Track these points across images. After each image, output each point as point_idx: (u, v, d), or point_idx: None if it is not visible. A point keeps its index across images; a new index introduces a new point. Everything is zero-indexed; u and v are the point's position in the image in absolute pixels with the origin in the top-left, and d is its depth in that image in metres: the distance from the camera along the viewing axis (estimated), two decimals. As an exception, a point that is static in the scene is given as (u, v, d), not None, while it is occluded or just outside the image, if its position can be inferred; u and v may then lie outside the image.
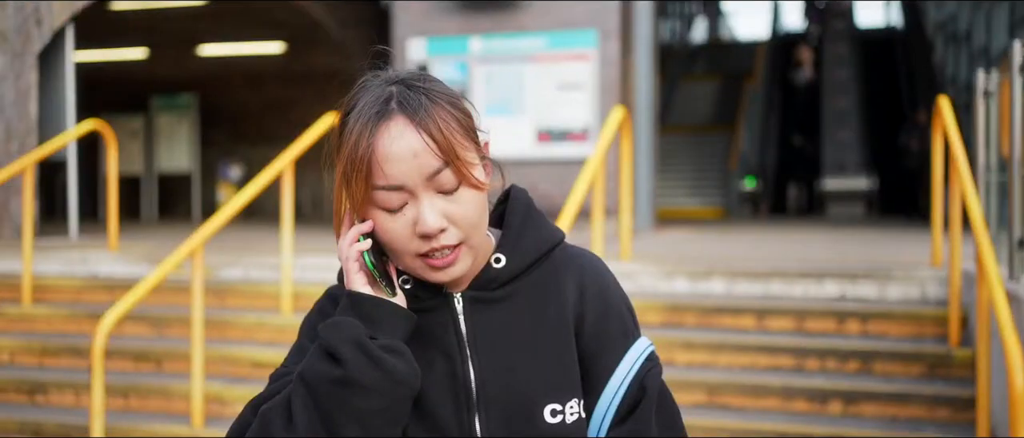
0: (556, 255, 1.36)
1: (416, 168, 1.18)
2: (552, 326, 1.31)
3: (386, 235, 1.21)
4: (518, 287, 1.31)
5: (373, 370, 1.16)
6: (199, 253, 5.04)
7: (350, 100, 1.24)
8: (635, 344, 1.34)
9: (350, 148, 1.19)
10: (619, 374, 1.31)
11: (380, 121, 1.18)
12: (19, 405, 5.52)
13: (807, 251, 7.32)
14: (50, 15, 9.05)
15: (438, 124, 1.19)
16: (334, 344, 1.17)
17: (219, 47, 13.46)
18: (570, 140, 9.42)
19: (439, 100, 1.22)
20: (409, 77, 1.24)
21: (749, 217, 15.03)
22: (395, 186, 1.18)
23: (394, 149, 1.17)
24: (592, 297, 1.34)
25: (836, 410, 4.74)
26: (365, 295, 1.21)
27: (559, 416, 1.28)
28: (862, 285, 5.50)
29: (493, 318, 1.29)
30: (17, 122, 8.83)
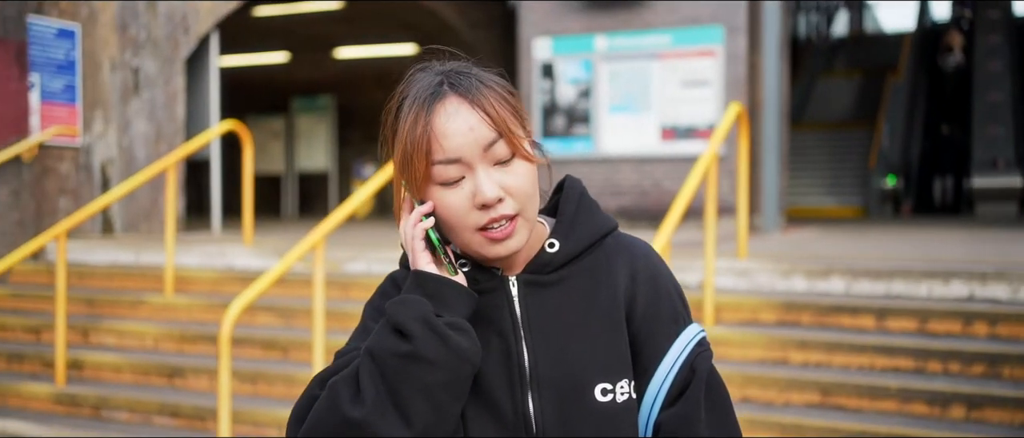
0: (608, 242, 1.41)
1: (472, 140, 1.25)
2: (604, 309, 1.36)
3: (446, 211, 1.28)
4: (572, 271, 1.37)
5: (439, 345, 1.22)
6: (320, 247, 5.25)
7: (400, 92, 1.32)
8: (686, 329, 1.38)
9: (408, 130, 1.26)
10: (670, 358, 1.36)
11: (435, 101, 1.26)
12: (159, 387, 5.89)
13: (939, 250, 7.03)
14: (197, 22, 9.57)
15: (490, 100, 1.28)
16: (402, 320, 1.23)
17: (354, 50, 13.91)
18: (695, 137, 9.33)
19: (489, 83, 1.31)
20: (457, 66, 1.33)
21: (889, 217, 14.48)
22: (453, 159, 1.25)
23: (450, 125, 1.25)
24: (644, 282, 1.39)
25: (958, 415, 4.56)
26: (430, 274, 1.27)
27: (610, 395, 1.33)
28: (993, 286, 5.26)
29: (547, 301, 1.35)
30: (166, 124, 9.39)
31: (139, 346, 6.34)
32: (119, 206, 8.87)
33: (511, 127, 1.28)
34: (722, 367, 4.97)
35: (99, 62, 8.78)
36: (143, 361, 6.04)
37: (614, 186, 9.74)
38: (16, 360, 6.33)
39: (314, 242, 5.20)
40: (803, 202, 14.67)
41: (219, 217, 9.80)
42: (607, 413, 1.33)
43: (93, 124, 8.72)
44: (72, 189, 8.50)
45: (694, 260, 5.90)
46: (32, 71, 8.11)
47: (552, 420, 1.31)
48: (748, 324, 5.37)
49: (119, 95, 8.96)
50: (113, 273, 7.31)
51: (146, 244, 7.92)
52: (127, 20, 9.01)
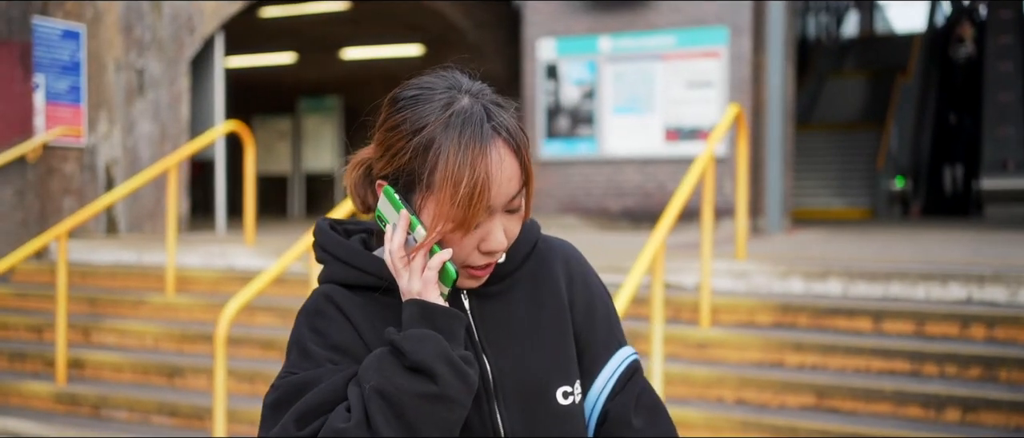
0: (539, 245, 1.43)
1: (506, 192, 1.25)
2: (552, 313, 1.38)
3: (454, 250, 1.26)
4: (515, 279, 1.38)
5: (461, 384, 1.21)
6: (318, 247, 5.26)
7: (430, 114, 1.24)
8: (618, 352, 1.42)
9: (469, 175, 1.20)
10: (614, 362, 1.41)
11: (490, 146, 1.23)
12: (159, 387, 5.91)
13: (939, 252, 7.00)
14: (202, 23, 9.61)
15: (526, 151, 1.27)
16: (425, 360, 1.19)
17: (361, 50, 13.94)
18: (699, 138, 9.32)
19: (520, 125, 1.29)
20: (489, 96, 1.29)
21: (898, 218, 14.42)
22: (491, 207, 1.24)
23: (499, 173, 1.23)
24: (579, 284, 1.43)
25: (953, 418, 4.54)
26: (441, 307, 1.24)
27: (570, 397, 1.36)
28: (991, 288, 5.24)
29: (498, 311, 1.35)
30: (171, 125, 9.43)
31: (139, 345, 6.37)
32: (123, 206, 8.91)
33: (533, 181, 1.29)
34: (718, 369, 4.99)
35: (104, 63, 8.82)
36: (143, 360, 6.07)
37: (618, 187, 9.74)
38: (18, 359, 6.38)
39: (310, 243, 5.21)
40: (811, 204, 14.62)
41: (223, 217, 9.84)
42: (569, 414, 1.36)
43: (98, 125, 8.76)
44: (76, 189, 8.54)
45: (691, 261, 5.89)
46: (37, 72, 8.15)
47: (519, 427, 1.32)
48: (744, 326, 5.37)
49: (124, 96, 9.01)
50: (115, 273, 7.34)
51: (149, 244, 7.95)
52: (132, 21, 9.05)
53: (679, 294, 5.67)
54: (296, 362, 1.30)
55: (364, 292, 1.34)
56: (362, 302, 1.33)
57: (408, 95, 1.29)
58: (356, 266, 1.34)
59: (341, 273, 1.35)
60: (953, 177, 16.12)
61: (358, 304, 1.33)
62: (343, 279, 1.35)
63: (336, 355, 1.29)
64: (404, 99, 1.29)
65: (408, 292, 1.26)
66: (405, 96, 1.29)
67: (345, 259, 1.35)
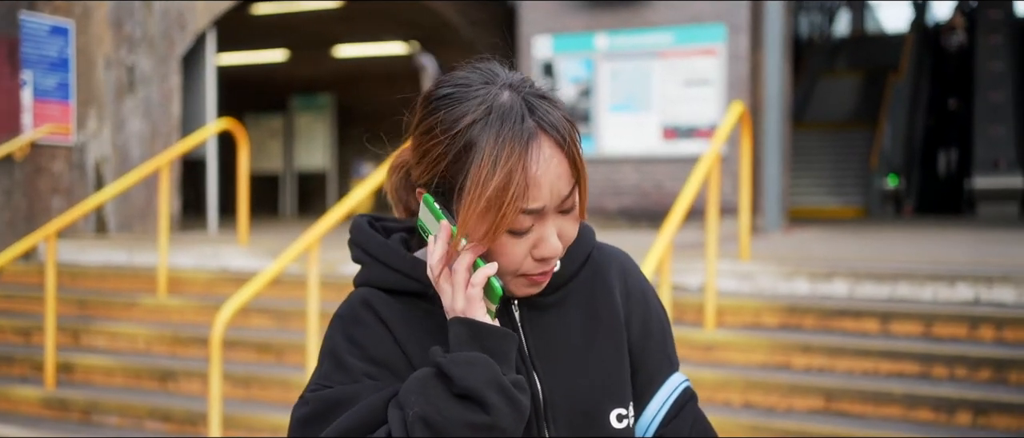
0: (594, 254, 1.33)
1: (557, 191, 1.14)
2: (608, 329, 1.29)
3: (503, 257, 1.16)
4: (570, 290, 1.28)
5: (513, 412, 1.11)
6: (315, 248, 5.16)
7: (467, 112, 1.14)
8: (671, 378, 1.33)
9: (500, 176, 1.10)
10: (666, 389, 1.32)
11: (531, 143, 1.12)
12: (151, 391, 5.79)
13: (942, 252, 6.93)
14: (193, 19, 9.48)
15: (576, 146, 1.17)
16: (476, 387, 1.09)
17: (354, 48, 13.82)
18: (697, 137, 9.23)
19: (564, 112, 1.18)
20: (532, 88, 1.18)
21: (891, 217, 14.39)
22: (539, 209, 1.13)
23: (544, 173, 1.13)
24: (637, 300, 1.33)
25: (964, 421, 4.46)
26: (490, 328, 1.14)
27: (624, 421, 1.26)
28: (999, 289, 5.17)
29: (550, 324, 1.25)
30: (162, 122, 9.29)
31: (131, 348, 6.24)
32: (113, 206, 8.77)
33: (586, 177, 1.18)
34: (724, 371, 4.90)
35: (93, 59, 8.68)
36: (135, 364, 5.95)
37: (615, 186, 9.65)
38: (5, 363, 6.24)
39: (309, 243, 5.11)
40: (805, 202, 14.57)
41: (215, 217, 9.71)
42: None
43: (87, 122, 8.62)
44: (65, 188, 8.40)
45: (695, 262, 5.80)
46: (24, 68, 8.01)
47: None
48: (750, 328, 5.28)
49: (114, 93, 8.87)
50: (105, 273, 7.21)
51: (140, 244, 7.82)
52: (122, 17, 8.91)
53: (683, 295, 5.57)
54: (330, 374, 1.20)
55: (406, 298, 1.24)
56: (403, 309, 1.23)
57: (443, 93, 1.18)
58: (399, 270, 1.24)
59: (381, 277, 1.25)
60: (948, 161, 16.18)
61: (399, 312, 1.23)
62: (383, 283, 1.25)
63: (374, 369, 1.19)
64: (438, 98, 1.18)
65: (452, 310, 1.16)
66: (440, 95, 1.18)
67: (386, 261, 1.25)
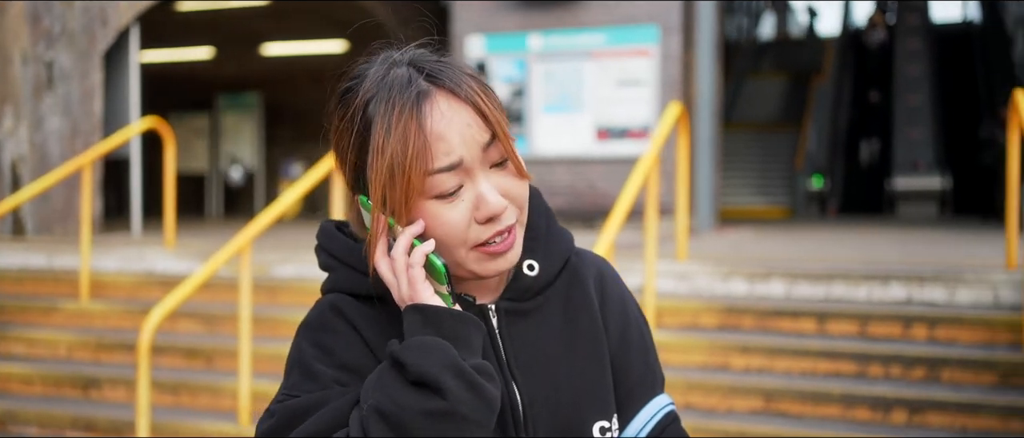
0: (572, 260, 1.27)
1: (471, 141, 1.08)
2: (588, 337, 1.22)
3: (442, 228, 1.09)
4: (548, 296, 1.22)
5: (474, 399, 1.04)
6: (247, 250, 5.01)
7: (360, 93, 1.10)
8: (654, 399, 1.26)
9: (393, 138, 1.05)
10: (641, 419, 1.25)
11: (422, 101, 1.07)
12: (73, 400, 5.57)
13: (873, 252, 7.05)
14: (116, 15, 9.18)
15: (479, 94, 1.10)
16: (429, 371, 1.03)
17: (283, 46, 13.58)
18: (630, 138, 9.26)
19: (469, 72, 1.12)
20: (421, 54, 1.13)
21: (816, 217, 14.66)
22: (455, 163, 1.07)
23: (446, 126, 1.07)
24: (613, 307, 1.27)
25: (900, 419, 4.52)
26: (445, 310, 1.07)
27: (608, 433, 1.20)
28: (930, 288, 5.25)
29: (529, 331, 1.19)
30: (83, 121, 8.98)
31: (51, 355, 5.99)
32: (31, 207, 8.44)
33: (505, 125, 1.11)
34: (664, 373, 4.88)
35: (9, 55, 8.34)
36: (56, 371, 5.71)
37: (548, 187, 9.62)
38: (-83, 371, 5.94)
39: (241, 245, 4.96)
40: (732, 202, 14.76)
41: (139, 218, 9.42)
42: None
43: (2, 120, 8.28)
44: (-20, 188, 8.06)
45: (634, 262, 5.79)
46: (-64, 63, 7.66)
47: None
48: (689, 328, 5.28)
49: (31, 89, 8.53)
50: (23, 277, 6.92)
51: (60, 247, 7.53)
52: (40, 12, 8.58)
53: (621, 296, 5.55)
54: (297, 383, 1.13)
55: (376, 303, 1.17)
56: (375, 314, 1.16)
57: (343, 88, 1.14)
58: (367, 273, 1.17)
59: (351, 281, 1.18)
60: (871, 152, 16.65)
61: (370, 317, 1.16)
62: (353, 288, 1.18)
63: (344, 375, 1.12)
64: (338, 96, 1.14)
65: (402, 300, 1.10)
66: (341, 91, 1.14)
67: (356, 265, 1.18)
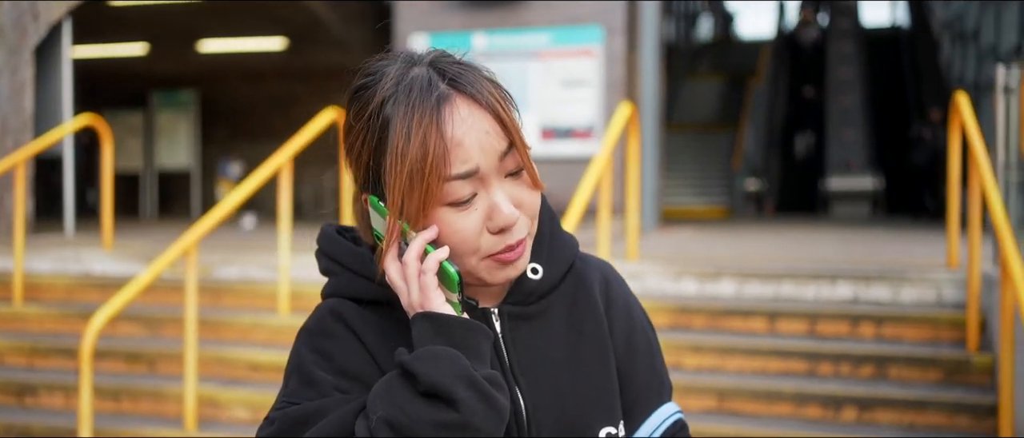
0: (577, 265, 1.25)
1: (489, 149, 1.05)
2: (593, 340, 1.20)
3: (454, 235, 1.06)
4: (552, 300, 1.19)
5: (487, 410, 1.02)
6: (193, 252, 4.89)
7: (377, 93, 1.07)
8: (662, 407, 1.24)
9: (413, 142, 1.02)
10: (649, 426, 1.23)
11: (442, 105, 1.04)
12: (7, 407, 5.37)
13: (817, 251, 7.16)
14: (47, 10, 8.90)
15: (499, 100, 1.07)
16: (441, 382, 1.00)
17: (219, 43, 13.31)
18: (574, 138, 9.27)
19: (487, 76, 1.10)
20: (440, 55, 1.11)
21: (754, 216, 14.87)
22: (471, 171, 1.04)
23: (465, 132, 1.04)
24: (619, 312, 1.24)
25: (850, 417, 4.58)
26: (455, 318, 1.05)
27: None
28: (876, 287, 5.34)
29: (533, 336, 1.16)
30: (12, 117, 8.69)
31: (-16, 361, 5.78)
32: (-41, 206, 8.14)
33: (522, 135, 1.09)
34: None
35: (-64, 49, 8.04)
36: (-11, 377, 5.50)
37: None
38: None
39: (187, 246, 4.83)
40: (673, 202, 14.89)
41: (72, 219, 9.14)
42: None
43: (-71, 117, 7.97)
44: (-96, 188, 7.75)
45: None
46: None
47: None
48: (641, 328, 5.28)
49: (-41, 86, 8.23)
50: (-47, 280, 6.66)
51: (-9, 248, 7.27)
52: (-32, 4, 8.28)
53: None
54: (297, 390, 1.10)
55: (379, 309, 1.14)
56: (377, 320, 1.14)
57: (358, 85, 1.11)
58: (371, 277, 1.14)
59: (352, 286, 1.15)
60: (807, 144, 17.04)
61: (372, 323, 1.13)
62: (354, 293, 1.15)
63: (346, 382, 1.10)
64: (355, 92, 1.11)
65: (411, 307, 1.07)
66: (355, 88, 1.11)
67: (358, 270, 1.15)
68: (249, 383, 5.27)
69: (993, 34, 14.89)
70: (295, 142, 5.74)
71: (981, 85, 12.36)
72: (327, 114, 6.19)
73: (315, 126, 5.98)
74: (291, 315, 5.60)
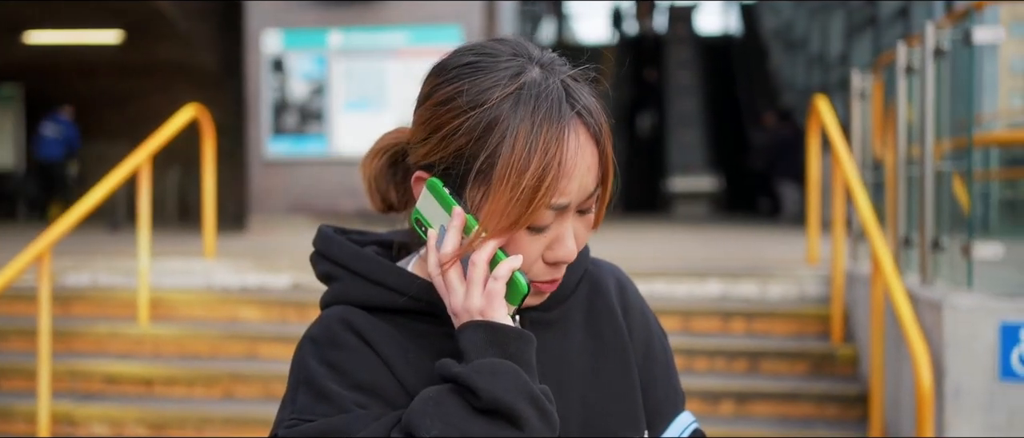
0: (590, 269, 1.20)
1: (584, 187, 1.00)
2: (614, 349, 1.15)
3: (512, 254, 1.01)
4: (570, 305, 1.14)
5: (546, 427, 0.97)
6: (46, 257, 4.54)
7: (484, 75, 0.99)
8: (679, 417, 1.21)
9: (535, 162, 0.95)
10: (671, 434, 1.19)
11: (568, 129, 0.98)
12: None
13: (680, 250, 7.35)
14: None
15: (608, 137, 1.02)
16: (507, 399, 0.94)
17: (49, 35, 12.51)
18: (434, 138, 9.19)
19: (603, 105, 1.04)
20: (563, 66, 1.03)
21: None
22: (564, 205, 0.99)
23: (574, 164, 0.98)
24: (636, 318, 1.21)
25: (728, 410, 4.71)
26: (512, 328, 0.99)
27: None
28: (744, 284, 5.52)
29: (552, 343, 1.11)
30: None
31: None
32: None
33: (612, 176, 1.04)
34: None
35: None
36: None
37: (350, 188, 9.38)
38: None
39: (40, 251, 4.49)
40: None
41: None
42: None
43: None
44: None
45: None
46: None
47: None
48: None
49: None
50: None
51: None
52: None
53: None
54: (310, 406, 1.00)
55: (391, 316, 1.06)
56: (390, 329, 1.05)
57: (465, 61, 1.02)
58: (383, 284, 1.07)
59: (361, 292, 1.07)
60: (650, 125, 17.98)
61: (384, 331, 1.05)
62: (364, 300, 1.07)
63: (362, 396, 1.01)
64: (460, 66, 1.01)
65: (466, 311, 0.99)
66: (461, 62, 1.02)
67: (368, 275, 1.07)
68: (107, 397, 4.95)
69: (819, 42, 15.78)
70: (154, 141, 5.43)
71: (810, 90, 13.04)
72: (187, 112, 5.89)
73: (174, 124, 5.68)
74: (151, 323, 5.29)
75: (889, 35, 10.34)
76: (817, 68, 15.72)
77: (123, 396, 4.96)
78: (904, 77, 4.55)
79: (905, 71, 4.52)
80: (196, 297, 5.60)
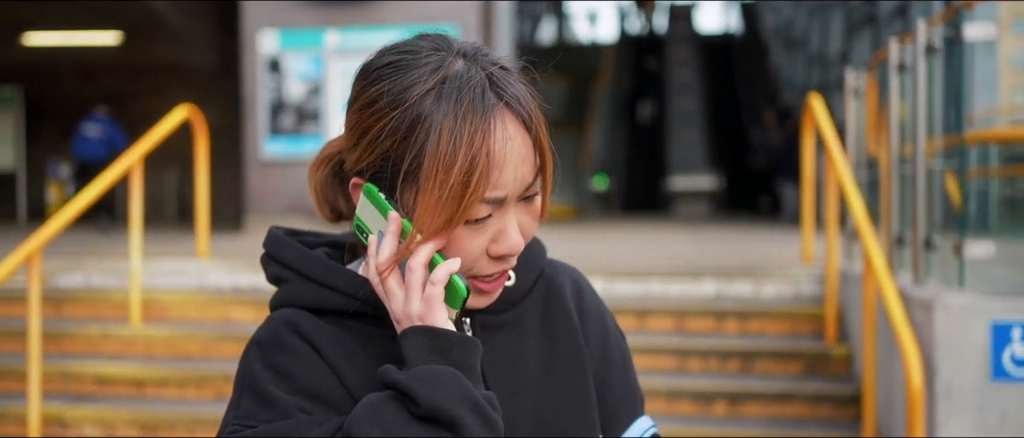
0: (546, 271, 1.18)
1: (521, 178, 0.98)
2: (569, 352, 1.13)
3: (456, 253, 0.98)
4: (524, 308, 1.12)
5: (488, 433, 0.95)
6: (37, 258, 4.53)
7: (404, 74, 0.97)
8: (638, 421, 1.18)
9: (461, 157, 0.93)
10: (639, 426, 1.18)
11: (493, 119, 0.95)
12: None
13: (675, 249, 7.33)
14: None
15: (541, 124, 1.00)
16: (446, 407, 0.92)
17: (48, 36, 12.51)
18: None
19: (532, 92, 1.02)
20: (486, 56, 1.01)
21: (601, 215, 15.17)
22: (500, 198, 0.97)
23: (505, 155, 0.96)
24: (592, 321, 1.18)
25: (721, 411, 4.69)
26: (454, 334, 0.97)
27: None
28: (738, 284, 5.49)
29: (506, 346, 1.09)
30: None
31: None
32: None
33: (551, 164, 1.01)
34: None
35: None
36: None
37: (348, 188, 9.37)
38: None
39: (30, 252, 4.47)
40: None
41: None
42: None
43: None
44: None
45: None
46: None
47: None
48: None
49: None
50: None
51: None
52: None
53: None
54: (252, 411, 0.98)
55: (340, 320, 1.04)
56: (337, 333, 1.03)
57: (386, 62, 1.00)
58: (331, 286, 1.05)
59: (309, 295, 1.05)
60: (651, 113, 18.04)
61: (332, 335, 1.03)
62: (313, 303, 1.05)
63: (306, 402, 0.99)
64: (381, 67, 1.00)
65: (406, 317, 0.97)
66: (382, 63, 1.00)
67: (316, 277, 1.06)
68: (99, 399, 4.93)
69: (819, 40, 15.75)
70: (146, 141, 5.42)
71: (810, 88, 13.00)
72: (179, 112, 5.88)
73: (167, 124, 5.66)
74: (143, 324, 5.28)
75: (888, 33, 10.31)
76: (817, 67, 15.71)
77: (114, 397, 4.95)
78: (897, 75, 4.52)
79: (898, 68, 4.49)
80: (188, 298, 5.58)
